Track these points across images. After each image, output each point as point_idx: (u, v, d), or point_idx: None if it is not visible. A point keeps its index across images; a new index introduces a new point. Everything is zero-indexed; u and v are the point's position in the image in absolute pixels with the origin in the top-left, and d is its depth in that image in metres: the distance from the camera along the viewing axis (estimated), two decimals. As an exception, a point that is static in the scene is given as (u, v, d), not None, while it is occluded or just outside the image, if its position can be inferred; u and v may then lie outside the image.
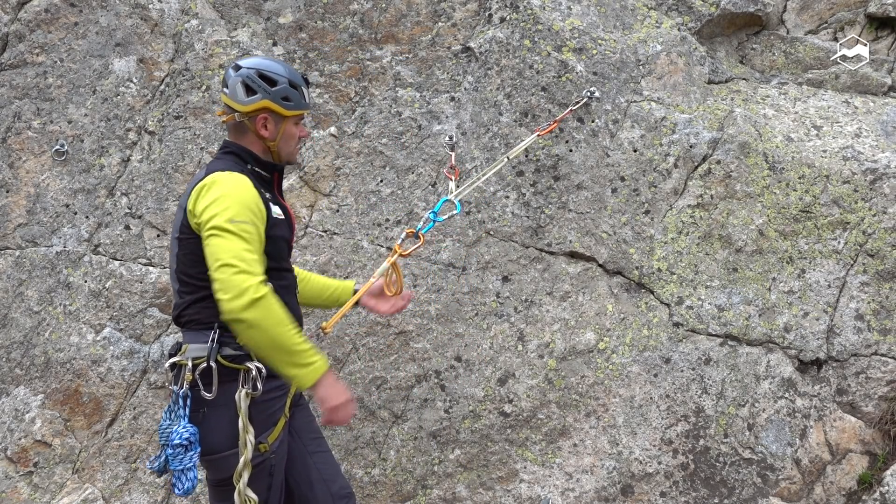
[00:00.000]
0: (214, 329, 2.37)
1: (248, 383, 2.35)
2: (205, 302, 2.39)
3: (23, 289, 3.67)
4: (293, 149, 2.61)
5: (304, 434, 2.62)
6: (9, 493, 3.52)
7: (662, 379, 3.41)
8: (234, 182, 2.38)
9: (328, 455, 2.69)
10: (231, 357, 2.38)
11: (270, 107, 2.49)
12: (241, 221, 2.29)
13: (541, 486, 3.41)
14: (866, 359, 3.33)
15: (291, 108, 2.52)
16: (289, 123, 2.55)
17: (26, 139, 3.76)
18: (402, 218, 3.59)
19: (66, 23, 3.82)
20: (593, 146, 3.54)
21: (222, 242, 2.26)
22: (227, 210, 2.29)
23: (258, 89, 2.48)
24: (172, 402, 2.38)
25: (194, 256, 2.38)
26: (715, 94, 3.70)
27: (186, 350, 2.42)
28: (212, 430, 2.36)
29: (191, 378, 2.34)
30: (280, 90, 2.50)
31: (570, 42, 3.60)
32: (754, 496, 3.30)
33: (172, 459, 2.31)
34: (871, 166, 3.42)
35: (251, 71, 2.49)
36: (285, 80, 2.51)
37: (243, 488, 2.30)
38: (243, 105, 2.49)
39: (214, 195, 2.33)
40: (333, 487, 2.61)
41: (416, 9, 3.79)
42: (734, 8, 3.79)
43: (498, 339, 3.49)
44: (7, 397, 3.60)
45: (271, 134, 2.53)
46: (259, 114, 2.50)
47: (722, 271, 3.44)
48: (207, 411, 2.36)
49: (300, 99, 2.56)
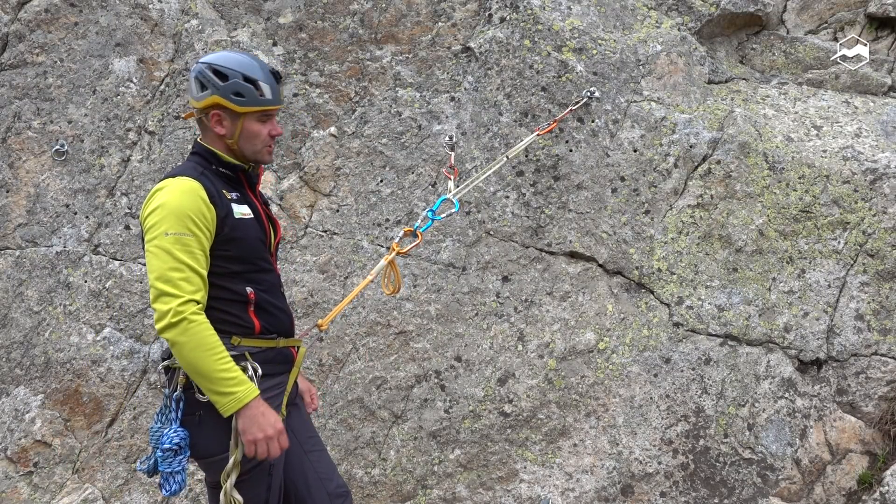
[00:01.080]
0: None
1: None
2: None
3: (23, 289, 3.67)
4: (259, 147, 2.47)
5: (300, 433, 2.59)
6: (9, 493, 3.52)
7: (662, 379, 3.41)
8: (177, 189, 2.29)
9: (324, 454, 2.66)
10: None
11: (221, 103, 2.39)
12: (175, 233, 2.22)
13: (541, 486, 3.41)
14: (866, 359, 3.33)
15: (244, 103, 2.39)
16: (248, 120, 2.43)
17: (26, 139, 3.76)
18: (402, 218, 3.59)
19: (66, 23, 3.82)
20: (593, 146, 3.54)
21: (152, 260, 2.22)
22: (161, 222, 2.23)
23: (208, 85, 2.39)
24: (164, 405, 2.34)
25: None
26: (715, 94, 3.70)
27: None
28: (209, 433, 2.32)
29: (184, 381, 2.30)
30: (230, 85, 2.38)
31: (570, 42, 3.60)
32: (754, 496, 3.30)
33: (161, 462, 2.28)
34: (871, 166, 3.42)
35: (204, 66, 2.41)
36: (238, 75, 2.39)
37: (229, 489, 2.27)
38: (197, 101, 2.43)
39: (154, 205, 2.27)
40: (330, 486, 2.59)
41: (416, 9, 3.79)
42: (734, 8, 3.79)
43: (498, 339, 3.49)
44: (7, 397, 3.60)
45: (228, 131, 2.43)
46: (211, 110, 2.41)
47: (722, 271, 3.44)
48: (203, 414, 2.31)
49: (255, 95, 2.40)
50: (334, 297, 3.56)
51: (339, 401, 3.52)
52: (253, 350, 2.37)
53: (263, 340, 2.41)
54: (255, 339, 2.39)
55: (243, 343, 2.36)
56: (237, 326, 2.34)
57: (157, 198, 2.29)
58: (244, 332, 2.36)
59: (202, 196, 2.31)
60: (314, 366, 3.54)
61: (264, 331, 2.40)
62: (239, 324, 2.34)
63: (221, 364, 2.20)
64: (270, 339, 2.43)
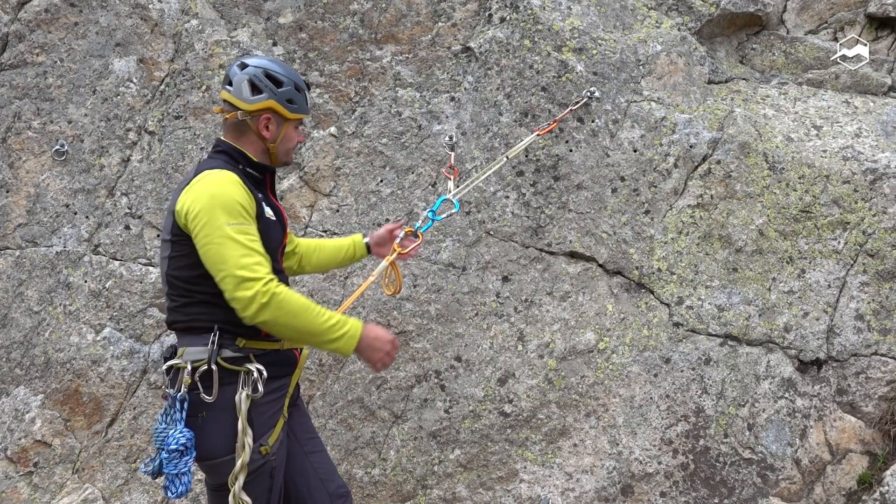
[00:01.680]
0: (214, 331, 2.33)
1: (248, 385, 2.31)
2: (200, 306, 2.35)
3: (23, 289, 3.67)
4: (290, 151, 2.59)
5: (301, 434, 2.60)
6: (9, 493, 3.52)
7: (662, 379, 3.41)
8: (224, 181, 2.33)
9: (324, 454, 2.67)
10: (231, 359, 2.34)
11: (275, 108, 2.46)
12: (236, 223, 2.26)
13: (541, 486, 3.41)
14: (866, 359, 3.33)
15: (295, 111, 2.49)
16: (290, 126, 2.52)
17: (26, 139, 3.76)
18: (402, 218, 3.59)
19: (66, 23, 3.82)
20: (593, 146, 3.54)
21: (221, 251, 2.23)
22: (218, 214, 2.25)
23: (265, 89, 2.44)
24: (168, 406, 2.32)
25: (186, 259, 2.33)
26: (715, 94, 3.70)
27: (184, 353, 2.36)
28: (211, 434, 2.32)
29: (189, 381, 2.30)
30: (286, 92, 2.47)
31: (570, 42, 3.60)
32: (754, 496, 3.30)
33: (167, 463, 2.27)
34: (871, 166, 3.42)
35: (258, 70, 2.45)
36: (291, 83, 2.48)
37: (238, 492, 2.28)
38: (248, 104, 2.44)
39: (205, 198, 2.28)
40: (331, 487, 2.60)
41: (416, 9, 3.79)
42: (734, 8, 3.79)
43: (498, 339, 3.49)
44: (7, 397, 3.60)
45: (272, 135, 2.49)
46: (262, 114, 2.46)
47: (722, 271, 3.44)
48: (206, 415, 2.32)
49: (303, 103, 2.53)
50: (334, 297, 3.56)
51: (339, 401, 3.52)
52: (258, 352, 2.38)
53: (268, 343, 2.42)
54: (261, 341, 2.39)
55: (248, 345, 2.37)
56: (243, 328, 2.34)
57: (201, 190, 2.30)
58: (249, 334, 2.37)
59: (246, 189, 2.36)
60: (314, 366, 3.54)
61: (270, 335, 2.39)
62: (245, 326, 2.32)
63: (321, 317, 2.29)
64: (275, 341, 2.43)
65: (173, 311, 2.42)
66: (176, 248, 2.35)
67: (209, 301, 2.32)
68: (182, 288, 2.37)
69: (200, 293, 2.33)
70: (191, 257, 2.30)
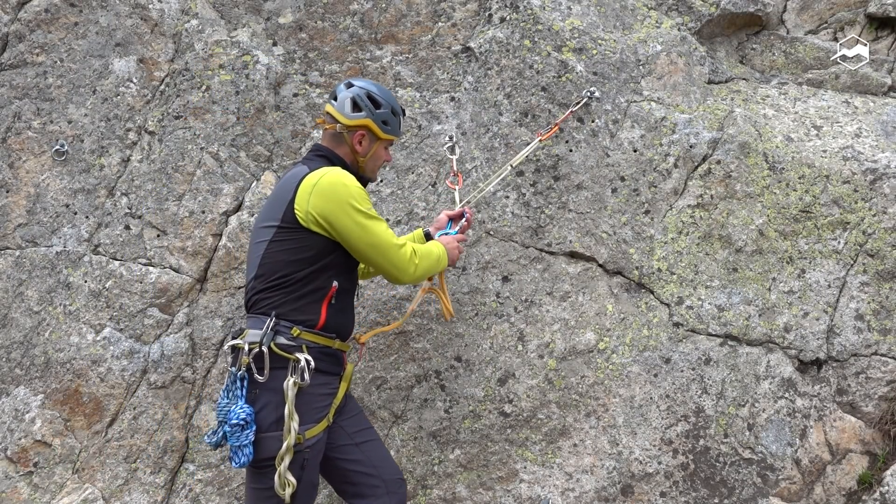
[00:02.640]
0: (271, 317, 2.57)
1: (296, 373, 2.53)
2: (275, 290, 2.60)
3: (23, 289, 3.67)
4: (376, 169, 2.91)
5: (350, 428, 2.83)
6: (9, 493, 3.52)
7: (662, 379, 3.41)
8: (348, 176, 2.66)
9: (376, 443, 2.90)
10: (283, 346, 2.56)
11: (370, 126, 2.79)
12: (370, 209, 2.64)
13: (541, 486, 3.42)
14: (866, 359, 3.33)
15: (388, 132, 2.84)
16: (380, 146, 2.86)
17: (26, 139, 3.76)
18: (403, 218, 3.59)
19: (66, 23, 3.82)
20: (593, 146, 3.54)
21: (372, 227, 2.62)
22: (357, 202, 2.59)
23: (364, 108, 2.78)
24: (230, 382, 2.57)
25: (290, 244, 2.60)
26: (715, 94, 3.70)
27: (246, 334, 2.61)
28: (262, 410, 2.54)
29: (247, 361, 2.53)
30: (382, 114, 2.80)
31: (570, 42, 3.60)
32: (754, 496, 3.30)
33: (230, 436, 2.49)
34: (871, 166, 3.42)
35: (362, 91, 2.79)
36: (389, 107, 2.82)
37: (284, 471, 2.49)
38: (347, 119, 2.77)
39: (337, 187, 2.59)
40: (384, 474, 2.83)
41: (416, 9, 3.79)
42: (734, 8, 3.79)
43: (498, 339, 3.49)
44: (7, 397, 3.60)
45: (364, 150, 2.81)
46: (358, 130, 2.78)
47: (722, 271, 3.44)
48: (259, 392, 2.55)
49: (396, 126, 2.87)
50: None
51: (339, 401, 3.52)
52: (310, 344, 2.61)
53: (321, 337, 2.65)
54: (315, 334, 2.64)
55: (303, 336, 2.60)
56: (302, 318, 2.61)
57: (331, 181, 2.61)
58: (307, 326, 2.61)
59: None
60: (314, 366, 3.54)
61: (327, 328, 2.66)
62: (305, 316, 2.61)
63: (436, 258, 2.88)
64: (329, 337, 2.68)
65: (252, 292, 2.67)
66: (282, 233, 2.62)
67: (283, 287, 2.59)
68: (270, 272, 2.62)
69: (282, 278, 2.60)
70: (295, 243, 2.60)
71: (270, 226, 2.64)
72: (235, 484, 3.51)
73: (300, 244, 2.60)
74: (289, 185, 2.66)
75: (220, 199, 3.66)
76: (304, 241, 2.60)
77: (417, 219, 3.57)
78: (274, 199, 2.70)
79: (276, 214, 2.64)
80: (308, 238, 2.61)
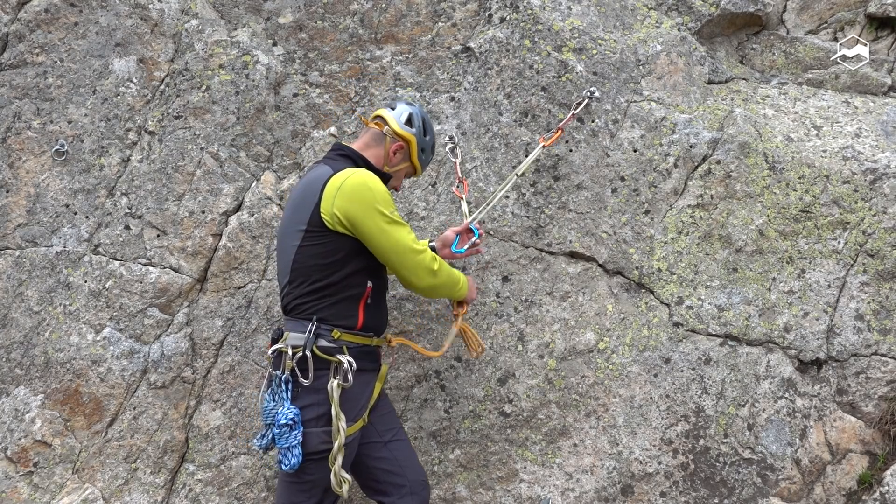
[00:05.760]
0: (313, 321, 2.63)
1: (339, 374, 2.60)
2: (314, 295, 2.66)
3: (23, 289, 3.67)
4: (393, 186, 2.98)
5: (380, 426, 2.89)
6: (9, 493, 3.52)
7: (662, 379, 3.41)
8: (373, 178, 2.69)
9: (404, 443, 2.96)
10: (325, 349, 2.63)
11: (412, 144, 2.92)
12: (393, 212, 2.67)
13: (541, 486, 3.42)
14: (866, 359, 3.33)
15: (420, 160, 2.98)
16: (406, 168, 2.97)
17: (26, 139, 3.76)
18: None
19: (66, 23, 3.82)
20: (593, 146, 3.54)
21: (393, 231, 2.64)
22: (380, 204, 2.63)
23: (416, 127, 2.92)
24: (275, 385, 2.63)
25: (319, 248, 2.64)
26: (715, 94, 3.70)
27: (287, 338, 2.67)
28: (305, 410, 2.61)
29: (291, 365, 2.61)
30: (426, 141, 2.97)
31: (570, 42, 3.60)
32: (754, 496, 3.30)
33: (279, 438, 2.56)
34: (871, 166, 3.42)
35: (423, 113, 2.98)
36: (432, 142, 3.00)
37: (338, 469, 2.57)
38: (398, 127, 2.89)
39: (362, 189, 2.62)
40: (410, 473, 2.89)
41: (416, 9, 3.80)
42: (734, 8, 3.79)
43: (498, 339, 3.49)
44: (7, 397, 3.60)
45: (395, 162, 2.91)
46: (399, 141, 2.89)
47: (722, 271, 3.44)
48: (301, 392, 2.62)
49: (426, 160, 3.02)
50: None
51: (339, 401, 3.52)
52: (351, 345, 2.68)
53: (361, 337, 2.73)
54: (354, 335, 2.71)
55: (343, 337, 2.67)
56: (342, 320, 2.67)
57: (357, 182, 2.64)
58: (346, 327, 2.68)
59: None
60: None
61: (365, 328, 2.73)
62: (344, 318, 2.68)
63: (455, 280, 2.90)
64: (367, 336, 2.76)
65: (291, 297, 2.72)
66: (310, 237, 2.66)
67: (320, 291, 2.64)
68: (305, 275, 2.67)
69: (319, 282, 2.64)
70: (325, 246, 2.64)
71: (299, 230, 2.67)
72: (235, 484, 3.51)
73: (329, 248, 2.64)
74: (314, 186, 2.68)
75: (220, 199, 3.66)
76: (332, 244, 2.64)
77: (417, 219, 3.57)
78: (300, 200, 2.71)
79: (303, 217, 2.67)
80: (336, 241, 2.65)
